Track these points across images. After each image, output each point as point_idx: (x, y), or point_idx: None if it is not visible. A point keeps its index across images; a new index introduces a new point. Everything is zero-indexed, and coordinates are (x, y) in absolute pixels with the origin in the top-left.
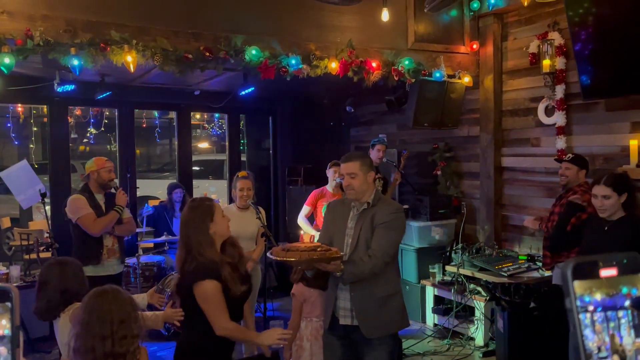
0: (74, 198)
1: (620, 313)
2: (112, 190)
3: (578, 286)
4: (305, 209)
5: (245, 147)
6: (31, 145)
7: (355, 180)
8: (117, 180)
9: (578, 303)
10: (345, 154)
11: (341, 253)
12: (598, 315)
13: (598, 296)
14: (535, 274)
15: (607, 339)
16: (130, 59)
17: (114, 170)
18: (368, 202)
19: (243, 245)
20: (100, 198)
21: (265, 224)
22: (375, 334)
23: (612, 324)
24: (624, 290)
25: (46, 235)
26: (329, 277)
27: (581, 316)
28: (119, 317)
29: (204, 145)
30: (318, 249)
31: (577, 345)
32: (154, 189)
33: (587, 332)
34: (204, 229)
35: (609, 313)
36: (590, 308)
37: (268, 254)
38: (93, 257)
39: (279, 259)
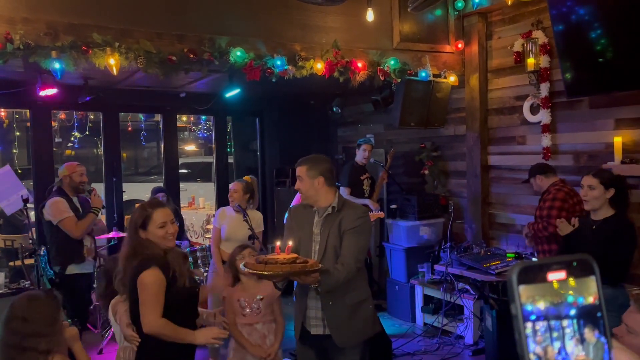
0: (55, 201)
1: (565, 322)
2: (86, 195)
3: (524, 292)
4: None
5: (233, 149)
6: (14, 150)
7: (302, 184)
8: (92, 185)
9: (522, 311)
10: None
11: (320, 265)
12: (540, 325)
13: (542, 305)
14: None
15: (548, 351)
16: (112, 62)
17: (87, 174)
18: (333, 207)
19: (233, 247)
20: (76, 201)
21: (262, 229)
22: (348, 343)
23: (555, 334)
24: (570, 298)
25: (30, 241)
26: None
27: (523, 325)
28: (31, 329)
29: (191, 147)
30: (297, 261)
31: (522, 354)
32: (141, 192)
33: (529, 342)
34: (137, 235)
35: (553, 322)
36: (533, 317)
37: (241, 266)
38: (76, 256)
39: (257, 272)
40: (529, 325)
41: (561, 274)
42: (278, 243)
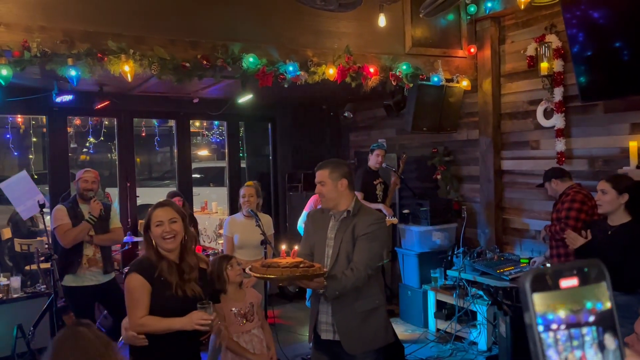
0: (55, 208)
1: (585, 330)
2: (96, 202)
3: (538, 300)
4: (305, 215)
5: (245, 154)
6: (31, 156)
7: (324, 188)
8: (103, 191)
9: (540, 320)
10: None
11: (324, 269)
12: (561, 334)
13: (562, 313)
14: None
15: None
16: (127, 69)
17: (101, 178)
18: (348, 211)
19: (249, 254)
20: (85, 208)
21: (273, 231)
22: (357, 350)
23: (575, 343)
24: (589, 305)
25: (46, 245)
26: None
27: (543, 335)
28: None
29: (203, 152)
30: (301, 266)
31: None
32: (155, 197)
33: (551, 352)
34: (146, 235)
35: (573, 331)
36: (554, 326)
37: (247, 270)
38: (70, 266)
39: (258, 275)
40: (550, 334)
41: (573, 281)
42: (284, 247)
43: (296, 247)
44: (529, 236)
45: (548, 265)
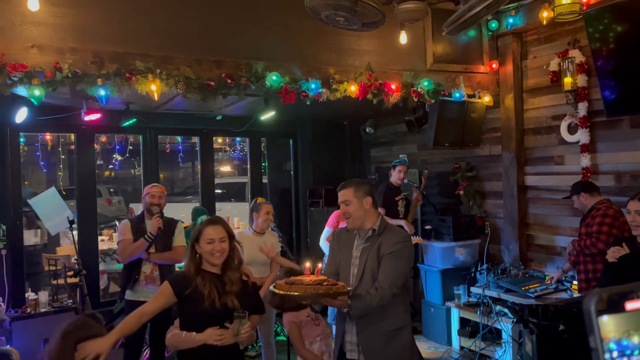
0: (122, 223)
1: None
2: (157, 219)
3: (607, 324)
4: (327, 231)
5: (267, 170)
6: (59, 173)
7: (350, 207)
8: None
9: (613, 346)
10: (348, 180)
11: (348, 288)
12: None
13: (636, 339)
14: (564, 295)
15: None
16: (154, 88)
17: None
18: (374, 230)
19: (256, 271)
20: (150, 224)
21: (280, 250)
22: None
23: None
24: None
25: (73, 260)
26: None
27: None
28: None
29: (226, 168)
30: (324, 283)
31: None
32: (177, 212)
33: None
34: (191, 244)
35: None
36: (628, 352)
37: (270, 288)
38: (127, 282)
39: (282, 292)
40: None
41: (638, 303)
42: (308, 264)
43: (320, 265)
44: (555, 252)
45: (575, 282)
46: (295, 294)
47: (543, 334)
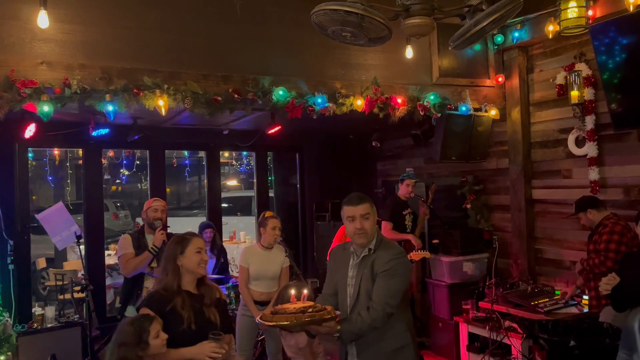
0: (121, 237)
1: None
2: (161, 232)
3: None
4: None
5: (273, 184)
6: (67, 188)
7: (368, 222)
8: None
9: None
10: (354, 193)
11: (336, 312)
12: None
13: None
14: (574, 310)
15: None
16: (161, 103)
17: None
18: (370, 249)
19: (264, 285)
20: (150, 238)
21: (286, 265)
22: None
23: None
24: None
25: (80, 275)
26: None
27: None
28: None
29: (232, 182)
30: (309, 310)
31: None
32: (184, 226)
33: None
34: (173, 258)
35: None
36: None
37: (257, 319)
38: (129, 297)
39: (270, 324)
40: None
41: None
42: (293, 292)
43: (305, 292)
44: (563, 267)
45: (585, 297)
46: (284, 323)
47: (554, 349)
